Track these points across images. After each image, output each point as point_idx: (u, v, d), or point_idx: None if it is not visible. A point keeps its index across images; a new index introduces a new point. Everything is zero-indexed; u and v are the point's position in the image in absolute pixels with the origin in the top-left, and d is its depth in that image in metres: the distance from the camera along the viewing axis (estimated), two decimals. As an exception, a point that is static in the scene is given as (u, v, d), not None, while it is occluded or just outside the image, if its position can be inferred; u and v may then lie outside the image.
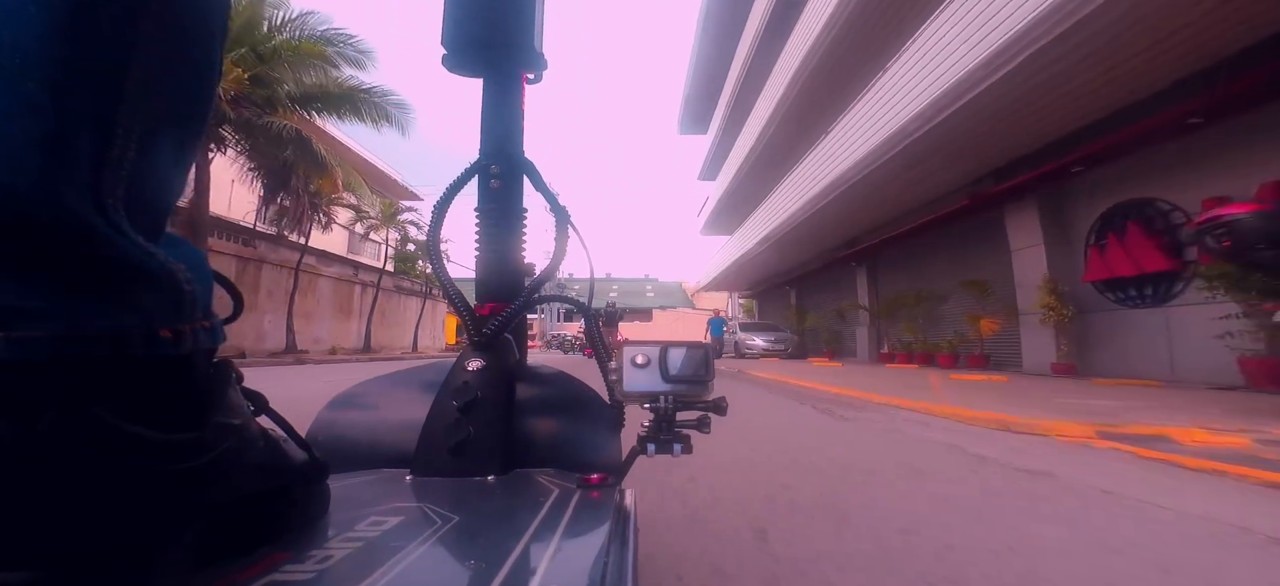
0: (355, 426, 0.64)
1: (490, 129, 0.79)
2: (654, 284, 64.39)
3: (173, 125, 0.29)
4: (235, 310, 0.48)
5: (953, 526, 1.28)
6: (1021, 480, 1.76)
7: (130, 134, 0.26)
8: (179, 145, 0.31)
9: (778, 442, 2.40)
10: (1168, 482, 1.74)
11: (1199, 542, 1.22)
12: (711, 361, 0.55)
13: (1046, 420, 2.72)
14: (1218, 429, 2.38)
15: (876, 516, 1.35)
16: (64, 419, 0.23)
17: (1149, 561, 1.10)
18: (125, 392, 0.26)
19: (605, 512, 0.46)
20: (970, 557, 1.09)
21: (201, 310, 0.31)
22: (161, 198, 0.30)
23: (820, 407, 3.82)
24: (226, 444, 0.32)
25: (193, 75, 0.30)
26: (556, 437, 0.64)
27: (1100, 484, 1.71)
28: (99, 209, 0.24)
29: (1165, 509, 1.46)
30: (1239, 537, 1.25)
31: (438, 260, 0.75)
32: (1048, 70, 5.11)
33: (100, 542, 0.24)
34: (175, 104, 0.29)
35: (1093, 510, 1.45)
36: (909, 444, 2.41)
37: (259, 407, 0.41)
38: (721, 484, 1.65)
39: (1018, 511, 1.42)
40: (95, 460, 0.24)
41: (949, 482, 1.72)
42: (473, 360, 0.64)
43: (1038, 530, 1.27)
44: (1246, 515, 1.40)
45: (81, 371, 0.24)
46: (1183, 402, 3.51)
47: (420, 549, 0.35)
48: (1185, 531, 1.29)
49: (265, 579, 0.30)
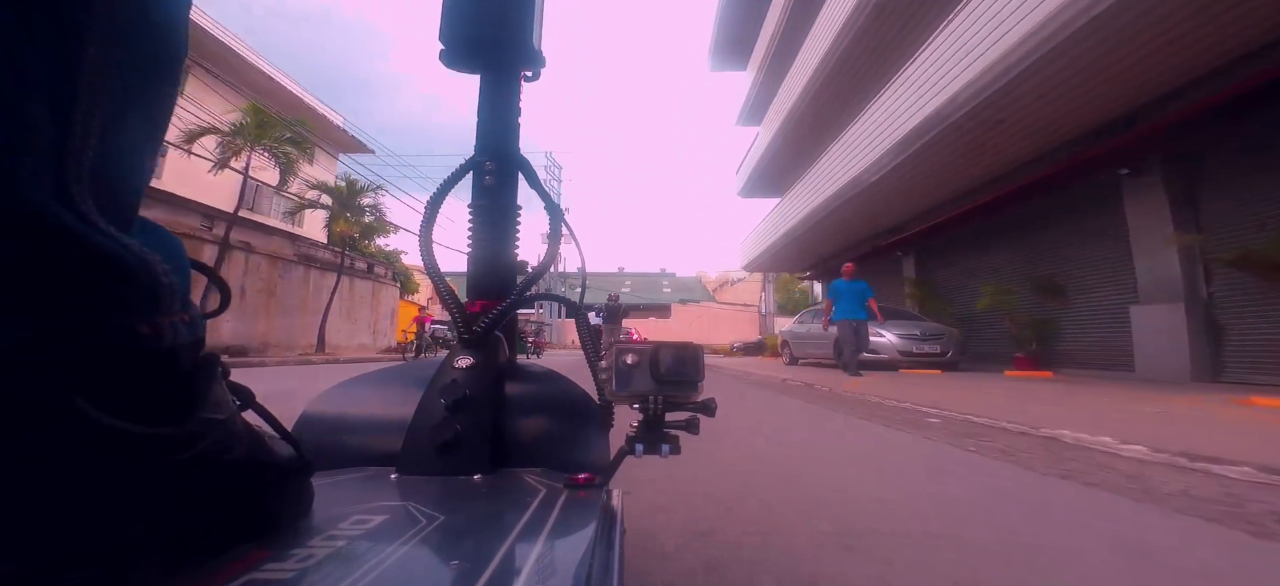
0: (341, 423, 0.63)
1: (486, 125, 0.79)
2: (670, 279, 61.65)
3: (138, 106, 0.28)
4: (222, 301, 0.47)
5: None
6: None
7: (92, 117, 0.24)
8: (147, 126, 0.29)
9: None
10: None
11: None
12: (701, 362, 0.55)
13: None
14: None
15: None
16: (39, 418, 0.23)
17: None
18: (104, 389, 0.25)
19: (592, 513, 0.46)
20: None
21: (180, 302, 0.30)
22: (131, 183, 0.28)
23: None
24: (209, 439, 0.31)
25: (156, 52, 0.29)
26: (544, 437, 0.64)
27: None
28: (63, 198, 0.23)
29: None
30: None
31: (429, 255, 0.75)
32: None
33: (78, 540, 0.24)
34: (139, 83, 0.28)
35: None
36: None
37: (245, 402, 0.41)
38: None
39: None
40: (73, 456, 0.24)
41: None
42: (462, 358, 0.64)
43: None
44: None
45: (56, 371, 0.23)
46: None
47: (403, 548, 0.35)
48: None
49: (245, 577, 0.30)
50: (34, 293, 0.23)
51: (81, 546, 0.24)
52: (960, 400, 3.80)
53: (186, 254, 0.33)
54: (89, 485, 0.24)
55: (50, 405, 0.23)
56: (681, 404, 0.55)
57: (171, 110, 0.32)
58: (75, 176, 0.24)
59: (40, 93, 0.22)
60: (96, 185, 0.25)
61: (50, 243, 0.23)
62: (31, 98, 0.22)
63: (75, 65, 0.24)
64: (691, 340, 0.56)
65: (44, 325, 0.23)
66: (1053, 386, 5.11)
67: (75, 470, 0.24)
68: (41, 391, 0.23)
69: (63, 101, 0.23)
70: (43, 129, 0.22)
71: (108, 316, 0.25)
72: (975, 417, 2.95)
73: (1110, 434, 2.28)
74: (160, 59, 0.29)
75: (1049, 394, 4.30)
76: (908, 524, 1.29)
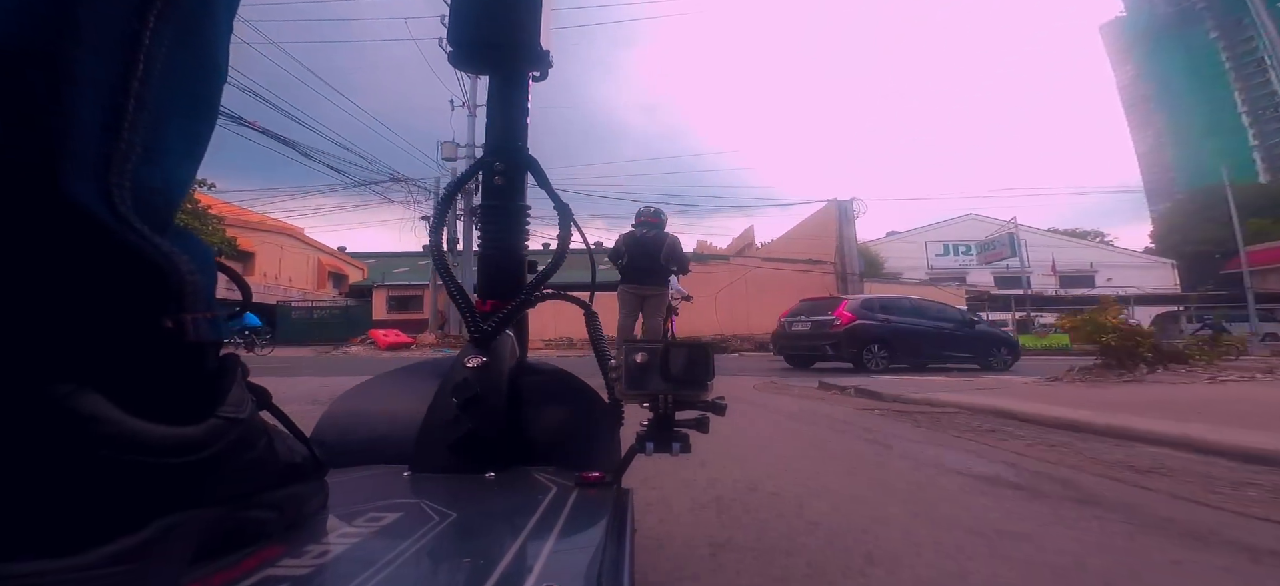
0: (358, 423, 0.64)
1: (495, 125, 0.80)
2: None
3: (182, 119, 0.30)
4: (243, 302, 0.48)
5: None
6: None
7: (137, 128, 0.26)
8: (189, 140, 0.31)
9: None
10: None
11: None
12: (711, 362, 0.55)
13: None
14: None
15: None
16: (63, 410, 0.23)
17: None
18: (129, 381, 0.26)
19: (602, 511, 0.46)
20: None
21: (205, 301, 0.31)
22: (169, 191, 0.30)
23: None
24: (229, 437, 0.32)
25: (201, 70, 0.31)
26: (555, 435, 0.64)
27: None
28: (106, 200, 0.25)
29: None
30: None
31: (439, 254, 0.75)
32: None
33: (99, 535, 0.24)
34: (184, 99, 0.30)
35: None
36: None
37: (262, 402, 0.41)
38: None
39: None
40: (95, 452, 0.24)
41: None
42: (473, 357, 0.64)
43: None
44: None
45: (83, 360, 0.24)
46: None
47: (416, 546, 0.36)
48: None
49: (262, 573, 0.30)
50: (65, 281, 0.24)
51: (100, 540, 0.24)
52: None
53: (215, 259, 0.35)
54: (110, 479, 0.25)
55: (71, 398, 0.24)
56: (692, 402, 0.55)
57: (212, 126, 0.34)
58: (117, 181, 0.26)
59: (92, 102, 0.24)
60: (136, 190, 0.27)
61: (85, 236, 0.24)
62: (83, 106, 0.24)
63: (126, 80, 0.26)
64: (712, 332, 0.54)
65: (73, 312, 0.24)
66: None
67: (96, 464, 0.24)
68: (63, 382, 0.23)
69: (113, 112, 0.25)
70: (91, 135, 0.24)
71: (133, 308, 0.26)
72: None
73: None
74: (203, 78, 0.31)
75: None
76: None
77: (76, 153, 0.24)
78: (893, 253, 26.51)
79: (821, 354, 7.75)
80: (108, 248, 0.25)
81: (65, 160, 0.23)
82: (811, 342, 7.89)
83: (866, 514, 1.24)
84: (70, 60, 0.23)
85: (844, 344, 7.41)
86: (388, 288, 20.82)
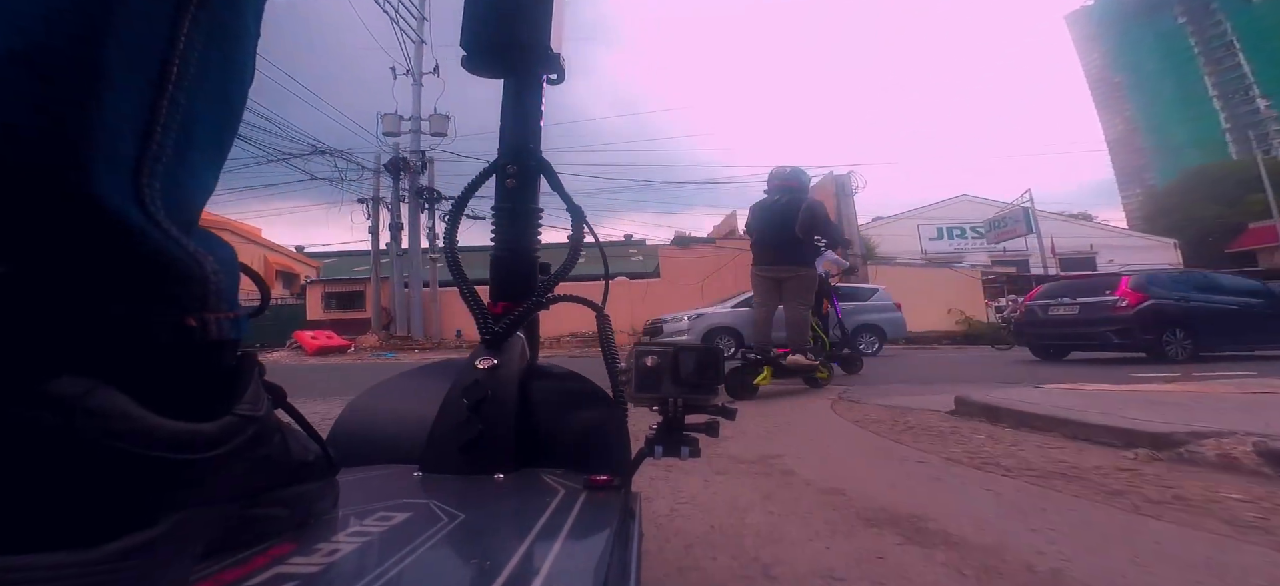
0: (371, 422, 0.65)
1: (509, 129, 0.80)
2: (640, 247, 57.30)
3: (211, 121, 0.31)
4: (262, 302, 0.49)
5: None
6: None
7: (169, 129, 0.27)
8: (217, 141, 0.32)
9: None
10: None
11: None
12: (722, 366, 0.55)
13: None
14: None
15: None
16: (81, 406, 0.24)
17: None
18: (150, 379, 0.26)
19: (610, 514, 0.46)
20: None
21: (227, 302, 0.31)
22: (196, 192, 0.31)
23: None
24: (245, 434, 0.33)
25: (229, 74, 0.31)
26: (565, 437, 0.64)
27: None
28: (137, 201, 0.26)
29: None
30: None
31: (454, 258, 0.76)
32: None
33: (112, 529, 0.25)
34: (214, 100, 0.30)
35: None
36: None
37: (277, 400, 0.42)
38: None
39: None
40: (111, 447, 0.25)
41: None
42: (484, 358, 0.64)
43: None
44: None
45: (106, 356, 0.25)
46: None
47: (425, 546, 0.36)
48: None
49: (272, 570, 0.31)
50: (94, 280, 0.25)
51: (113, 535, 0.25)
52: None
53: (238, 260, 0.35)
54: (126, 474, 0.25)
55: (91, 393, 0.24)
56: (701, 406, 0.54)
57: (236, 129, 0.35)
58: (148, 182, 0.26)
59: (126, 103, 0.25)
60: (166, 191, 0.27)
61: (115, 236, 0.25)
62: (117, 107, 0.25)
63: (161, 82, 0.26)
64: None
65: (99, 310, 0.25)
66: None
67: (112, 459, 0.25)
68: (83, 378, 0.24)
69: (147, 112, 0.26)
70: (124, 136, 0.25)
71: (159, 306, 0.27)
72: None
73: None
74: (233, 79, 0.32)
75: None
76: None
77: (109, 153, 0.24)
78: (881, 236, 24.48)
79: (1101, 342, 6.16)
80: (137, 248, 0.26)
81: (97, 162, 0.24)
82: (1084, 329, 6.27)
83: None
84: (105, 61, 0.24)
85: (1135, 329, 5.80)
86: (324, 284, 18.34)
